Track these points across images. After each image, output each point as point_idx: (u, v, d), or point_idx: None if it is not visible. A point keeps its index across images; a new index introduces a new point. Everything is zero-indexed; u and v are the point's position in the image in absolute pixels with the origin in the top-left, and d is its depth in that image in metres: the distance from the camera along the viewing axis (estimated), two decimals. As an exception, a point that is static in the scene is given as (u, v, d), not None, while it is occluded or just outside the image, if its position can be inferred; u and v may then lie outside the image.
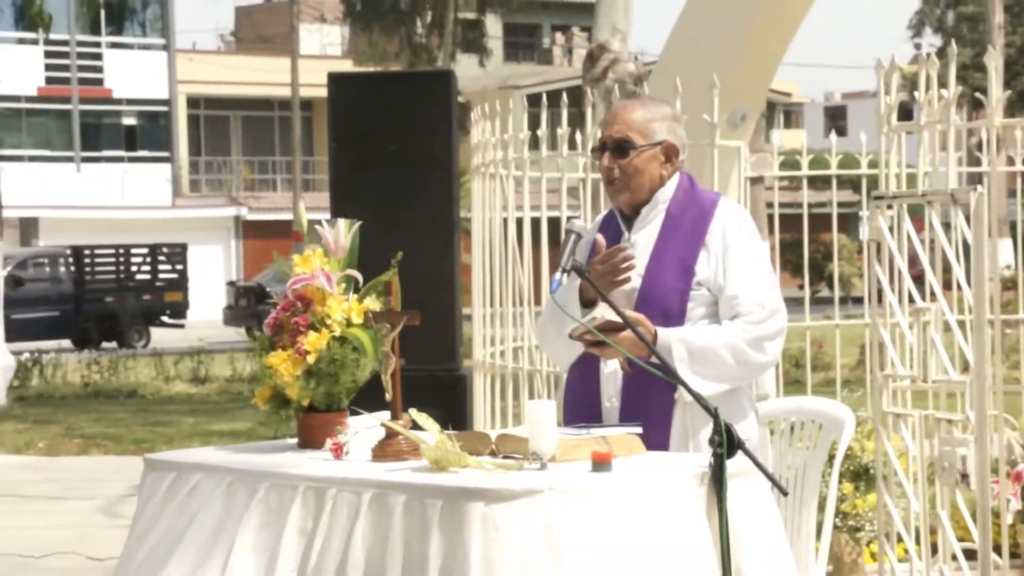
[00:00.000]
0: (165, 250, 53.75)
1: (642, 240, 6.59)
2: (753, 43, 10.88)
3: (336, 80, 11.70)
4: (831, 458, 7.10)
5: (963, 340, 7.65)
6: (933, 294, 7.82)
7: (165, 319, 51.89)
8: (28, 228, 66.11)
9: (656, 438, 6.27)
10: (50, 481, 18.79)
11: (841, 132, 14.40)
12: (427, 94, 10.97)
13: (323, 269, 6.39)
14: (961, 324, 7.89)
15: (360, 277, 6.47)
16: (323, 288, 6.33)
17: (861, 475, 8.60)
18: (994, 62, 8.36)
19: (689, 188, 6.68)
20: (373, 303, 6.32)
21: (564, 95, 13.41)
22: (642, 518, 5.54)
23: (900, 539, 8.03)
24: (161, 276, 52.83)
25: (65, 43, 68.62)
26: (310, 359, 6.21)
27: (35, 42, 61.37)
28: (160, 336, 49.18)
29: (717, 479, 5.64)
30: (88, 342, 46.95)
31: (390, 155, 10.54)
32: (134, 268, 52.99)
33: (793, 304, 12.41)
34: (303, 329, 6.26)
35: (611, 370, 6.51)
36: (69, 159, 69.96)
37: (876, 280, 8.04)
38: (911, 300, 7.90)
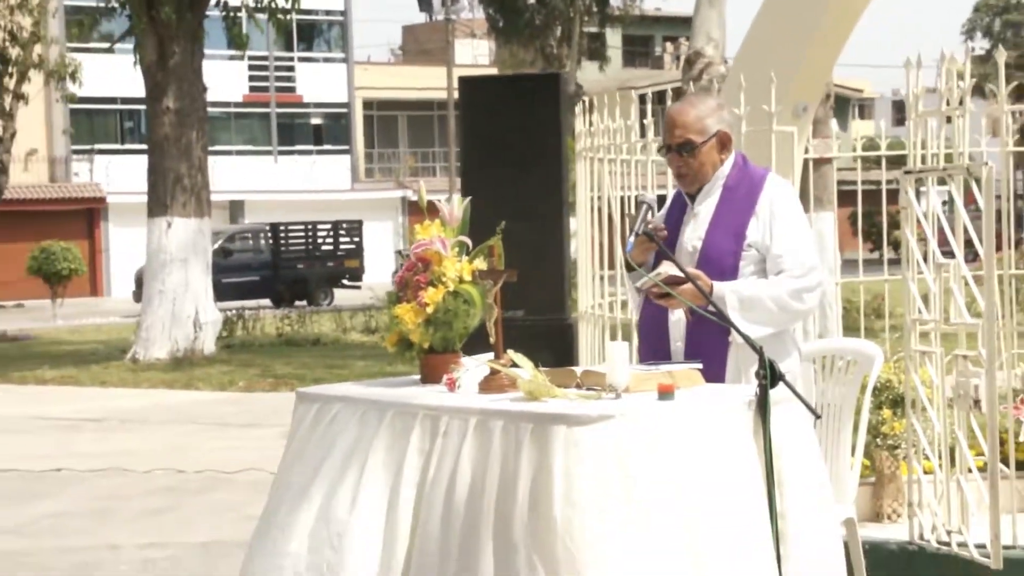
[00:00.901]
0: (345, 226, 54.20)
1: (703, 211, 6.60)
2: (811, 46, 10.81)
3: (466, 82, 11.72)
4: (865, 388, 7.07)
5: (977, 291, 7.58)
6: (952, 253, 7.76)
7: (345, 282, 52.17)
8: (235, 209, 66.76)
9: (714, 373, 6.27)
10: (245, 412, 19.01)
11: (901, 123, 14.19)
12: (540, 93, 10.95)
13: (440, 236, 6.40)
14: (979, 279, 7.81)
15: (470, 242, 6.46)
16: (439, 251, 6.34)
17: (898, 403, 8.52)
18: (1002, 58, 8.29)
19: (743, 165, 6.67)
20: (480, 263, 6.32)
21: (669, 93, 13.43)
22: (699, 438, 5.53)
23: (927, 456, 7.97)
24: (342, 247, 53.31)
25: (264, 59, 68.91)
26: (429, 310, 6.23)
27: (240, 58, 61.55)
28: (341, 296, 49.51)
29: (762, 405, 5.63)
30: (283, 301, 47.54)
31: (510, 143, 10.53)
32: (320, 240, 53.54)
33: (869, 265, 12.45)
34: (423, 285, 6.27)
35: (677, 318, 6.53)
36: (268, 152, 70.39)
37: (906, 241, 7.98)
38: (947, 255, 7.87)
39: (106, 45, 38.40)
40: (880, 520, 8.85)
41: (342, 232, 54.14)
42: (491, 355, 6.17)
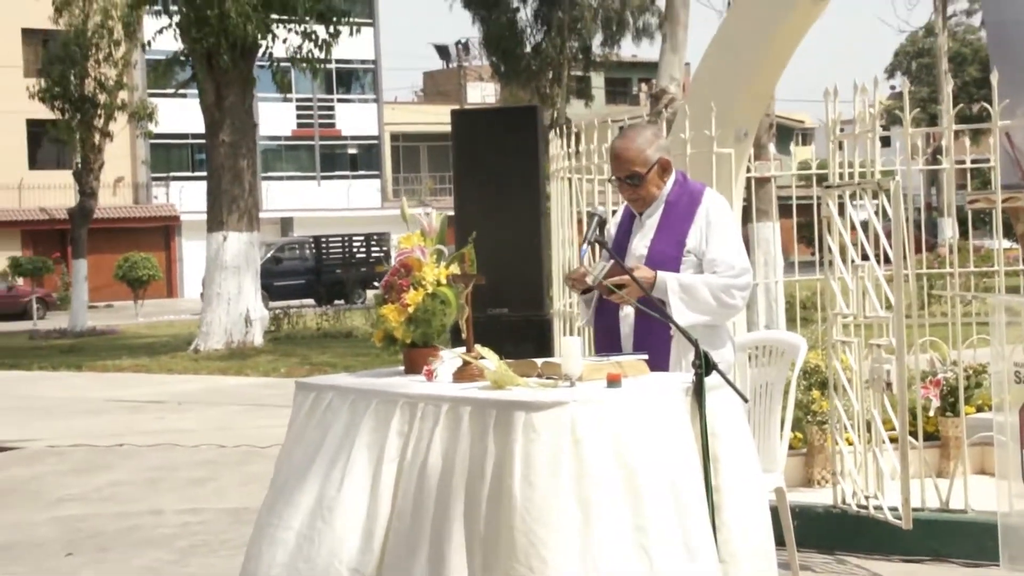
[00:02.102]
0: (375, 237, 54.23)
1: (649, 222, 6.33)
2: (750, 81, 10.51)
3: (458, 115, 11.41)
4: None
5: (888, 289, 7.28)
6: (866, 257, 7.48)
7: (375, 284, 52.08)
8: (286, 224, 66.78)
9: (658, 363, 6.01)
10: (282, 395, 18.63)
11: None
12: (521, 123, 10.65)
13: (420, 245, 6.18)
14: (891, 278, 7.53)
15: (446, 250, 6.24)
16: (419, 259, 6.11)
17: (825, 384, 8.27)
18: (906, 87, 7.97)
19: (683, 182, 6.40)
20: (455, 269, 6.08)
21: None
22: (643, 421, 5.29)
23: (848, 430, 7.74)
24: (373, 255, 53.22)
25: (309, 100, 68.92)
26: (410, 310, 6.03)
27: (288, 100, 61.74)
28: (372, 296, 49.44)
29: (698, 392, 5.39)
30: (323, 300, 47.36)
31: (495, 165, 10.25)
32: (355, 250, 53.65)
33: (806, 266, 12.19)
34: (405, 288, 6.07)
35: (626, 313, 6.25)
36: (313, 177, 70.35)
37: (827, 246, 7.71)
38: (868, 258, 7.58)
39: (176, 91, 37.93)
40: (811, 486, 8.62)
41: (373, 243, 54.00)
42: (464, 349, 5.92)
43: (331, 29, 26.56)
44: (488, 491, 5.16)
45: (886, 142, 16.61)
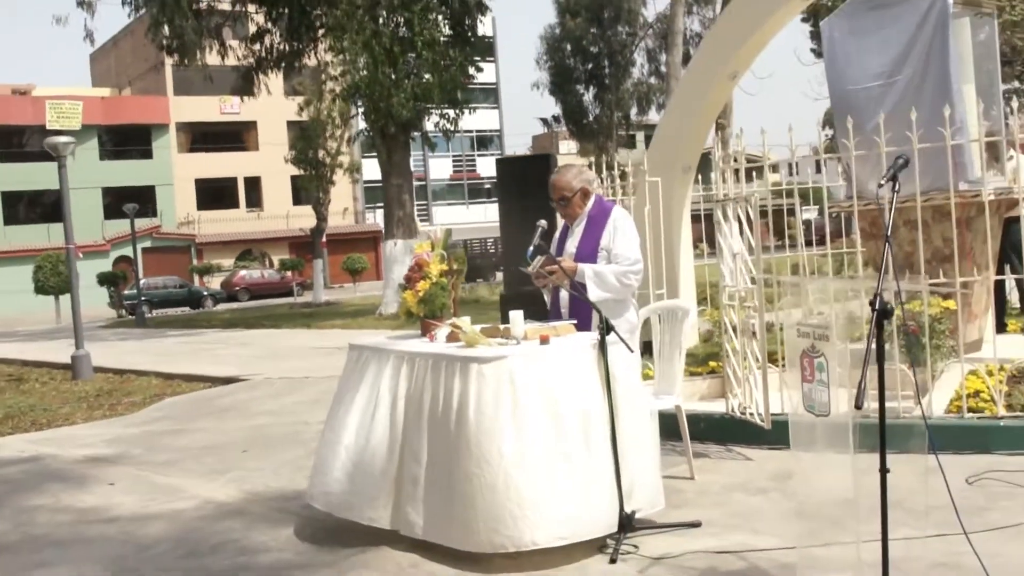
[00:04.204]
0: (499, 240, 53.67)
1: (578, 231, 5.90)
2: (692, 131, 9.98)
3: (500, 161, 11.00)
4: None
5: (753, 268, 6.74)
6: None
7: (499, 270, 51.93)
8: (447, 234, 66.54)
9: (584, 325, 5.58)
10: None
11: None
12: (540, 165, 10.27)
13: (427, 251, 5.80)
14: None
15: (446, 253, 5.81)
16: (426, 259, 5.76)
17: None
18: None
19: (599, 202, 5.97)
20: (448, 265, 5.68)
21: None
22: (562, 367, 4.95)
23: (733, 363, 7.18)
24: (500, 251, 52.76)
25: (460, 155, 69.28)
26: (421, 294, 5.69)
27: (448, 156, 61.90)
28: (497, 276, 49.21)
29: (602, 346, 4.95)
30: (467, 280, 46.63)
31: (525, 192, 9.83)
32: (488, 248, 53.01)
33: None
34: (418, 279, 5.76)
35: (565, 296, 5.83)
36: (464, 203, 70.20)
37: (718, 242, 7.14)
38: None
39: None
40: (719, 399, 7.96)
41: (498, 244, 53.54)
42: (455, 320, 5.55)
43: (456, 112, 26.24)
44: (455, 416, 4.86)
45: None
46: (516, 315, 5.29)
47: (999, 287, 9.54)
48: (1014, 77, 32.60)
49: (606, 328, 4.95)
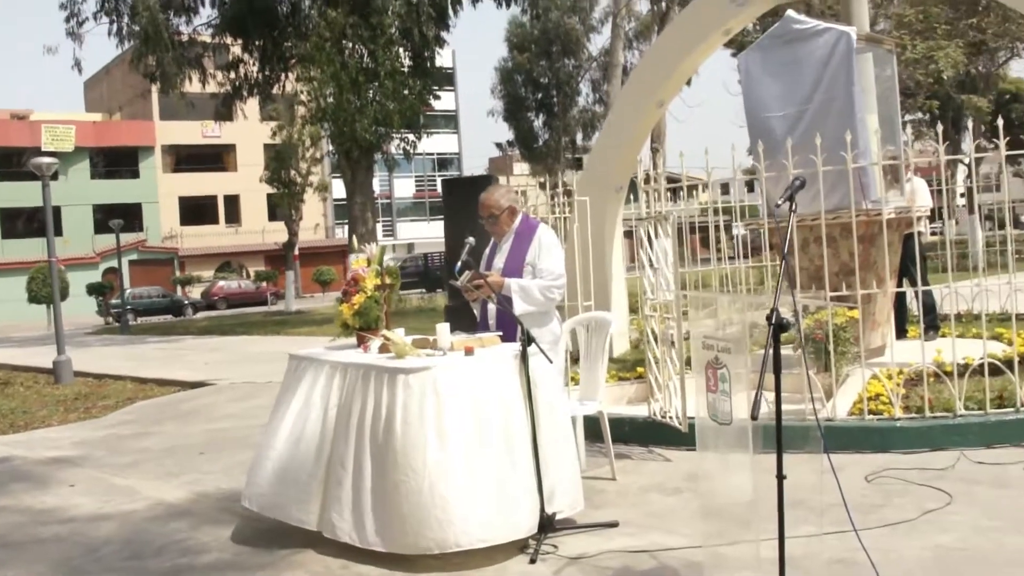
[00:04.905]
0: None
1: (505, 247, 5.67)
2: (622, 156, 9.83)
3: (445, 182, 10.79)
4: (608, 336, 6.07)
5: (673, 282, 6.54)
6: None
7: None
8: (410, 247, 65.77)
9: (510, 336, 5.30)
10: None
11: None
12: (481, 185, 10.02)
13: (364, 267, 5.55)
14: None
15: (380, 268, 5.57)
16: (362, 275, 5.50)
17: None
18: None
19: (526, 220, 5.74)
20: (381, 280, 5.42)
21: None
22: (485, 376, 4.70)
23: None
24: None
25: (422, 175, 68.81)
26: (356, 307, 5.46)
27: (411, 176, 61.34)
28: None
29: (523, 356, 4.73)
30: (428, 290, 45.93)
31: (468, 210, 9.57)
32: (444, 261, 52.37)
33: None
34: (354, 293, 5.48)
35: (492, 309, 5.56)
36: (425, 219, 69.31)
37: (638, 257, 6.95)
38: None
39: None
40: (644, 403, 7.77)
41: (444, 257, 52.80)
42: (388, 332, 5.28)
43: (415, 136, 26.02)
44: (383, 425, 4.60)
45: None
46: (443, 327, 5.06)
47: (900, 297, 9.47)
48: (917, 108, 32.93)
49: (527, 340, 4.74)
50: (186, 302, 45.08)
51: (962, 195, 31.30)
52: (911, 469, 5.68)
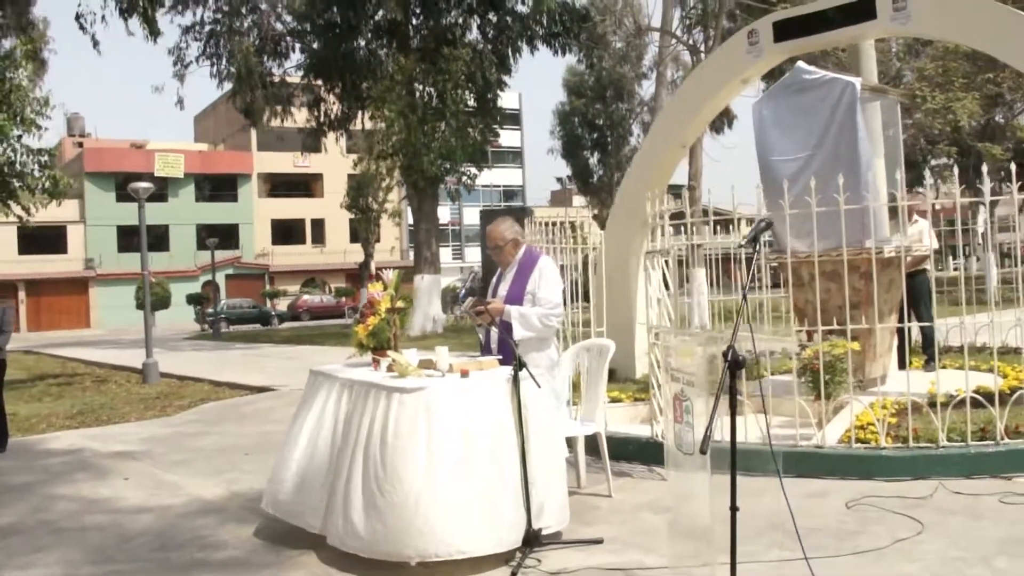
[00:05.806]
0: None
1: (509, 276, 5.54)
2: (648, 187, 9.62)
3: (483, 213, 10.62)
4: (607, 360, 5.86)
5: (671, 310, 6.31)
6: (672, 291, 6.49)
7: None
8: (468, 271, 66.10)
9: (509, 361, 5.05)
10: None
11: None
12: (518, 216, 9.87)
13: (379, 290, 5.41)
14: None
15: (395, 293, 5.40)
16: (377, 298, 5.34)
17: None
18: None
19: (529, 251, 5.59)
20: (393, 304, 5.29)
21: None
22: (478, 398, 4.53)
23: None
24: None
25: (488, 205, 68.55)
26: (371, 328, 5.31)
27: (476, 206, 61.29)
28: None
29: (515, 380, 4.53)
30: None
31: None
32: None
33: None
34: (369, 315, 5.33)
35: (494, 333, 5.40)
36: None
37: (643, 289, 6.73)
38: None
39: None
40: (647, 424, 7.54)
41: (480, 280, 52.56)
42: (397, 354, 5.17)
43: (477, 169, 26.06)
44: (377, 439, 4.43)
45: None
46: (441, 350, 4.91)
47: (902, 330, 9.08)
48: (942, 154, 32.03)
49: (519, 364, 4.56)
50: (273, 313, 45.59)
51: (982, 234, 30.37)
52: (891, 497, 5.36)
